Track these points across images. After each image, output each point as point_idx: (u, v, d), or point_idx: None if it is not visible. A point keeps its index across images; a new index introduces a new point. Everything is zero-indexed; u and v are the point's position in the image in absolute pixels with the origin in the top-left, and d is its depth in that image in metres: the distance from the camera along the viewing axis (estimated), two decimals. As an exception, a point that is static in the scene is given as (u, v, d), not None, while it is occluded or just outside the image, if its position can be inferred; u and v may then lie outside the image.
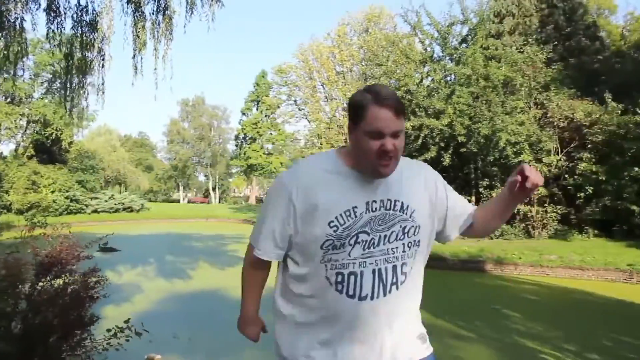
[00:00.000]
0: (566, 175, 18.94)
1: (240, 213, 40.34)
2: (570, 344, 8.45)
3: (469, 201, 14.40)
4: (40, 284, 4.34)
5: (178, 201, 68.62)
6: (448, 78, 20.21)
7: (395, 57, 19.92)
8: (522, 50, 19.89)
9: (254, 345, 2.19)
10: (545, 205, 19.00)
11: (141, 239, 23.58)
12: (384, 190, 1.68)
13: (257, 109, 60.49)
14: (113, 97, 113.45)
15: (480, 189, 20.04)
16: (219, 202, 67.25)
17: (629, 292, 12.96)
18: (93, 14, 8.44)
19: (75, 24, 8.38)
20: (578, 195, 18.50)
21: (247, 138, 60.49)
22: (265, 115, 59.17)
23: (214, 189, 69.70)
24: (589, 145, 18.86)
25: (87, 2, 8.40)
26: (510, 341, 8.60)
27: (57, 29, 8.25)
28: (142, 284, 11.92)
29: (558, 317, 10.88)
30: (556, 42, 22.48)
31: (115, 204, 36.70)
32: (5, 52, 8.27)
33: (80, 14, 8.36)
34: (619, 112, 18.14)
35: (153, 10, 8.53)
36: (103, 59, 8.71)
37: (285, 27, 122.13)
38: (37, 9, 8.25)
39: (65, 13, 8.31)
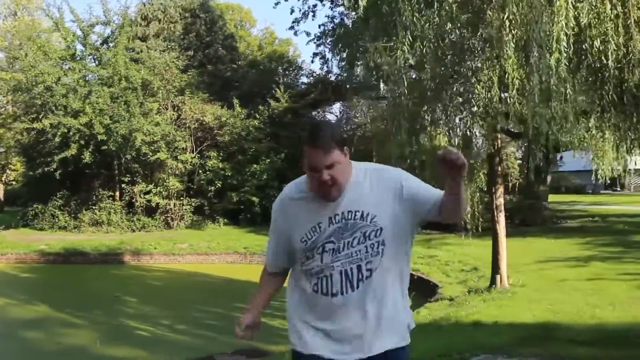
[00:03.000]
0: (200, 171, 21.22)
1: None
2: (168, 319, 10.17)
3: (120, 197, 15.47)
4: None
5: None
6: (90, 77, 20.46)
7: (33, 53, 19.35)
8: (163, 54, 21.41)
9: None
10: (182, 198, 20.99)
11: None
12: (346, 204, 1.98)
13: None
14: None
15: (124, 185, 21.03)
16: None
17: (242, 272, 15.42)
18: None
19: None
20: (210, 189, 20.92)
21: None
22: None
23: None
24: (220, 145, 21.48)
25: None
26: (117, 323, 9.92)
27: None
28: None
29: (171, 298, 12.67)
30: (196, 50, 24.66)
31: None
32: None
33: None
34: (243, 116, 21.09)
35: None
36: None
37: None
38: None
39: None
